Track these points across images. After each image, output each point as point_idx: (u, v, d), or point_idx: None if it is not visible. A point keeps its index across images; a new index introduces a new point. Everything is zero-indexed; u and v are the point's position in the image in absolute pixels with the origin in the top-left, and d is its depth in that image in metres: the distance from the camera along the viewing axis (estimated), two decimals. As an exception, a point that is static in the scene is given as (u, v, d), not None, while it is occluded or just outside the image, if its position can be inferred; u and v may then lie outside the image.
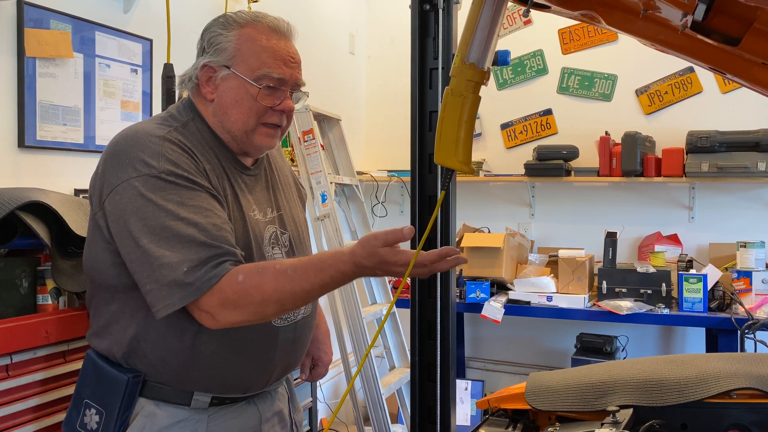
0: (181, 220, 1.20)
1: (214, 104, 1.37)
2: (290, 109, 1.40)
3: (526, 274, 3.66)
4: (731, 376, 1.36)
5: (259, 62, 1.34)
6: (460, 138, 1.34)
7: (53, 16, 2.19)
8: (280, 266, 1.22)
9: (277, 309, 1.24)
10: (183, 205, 1.22)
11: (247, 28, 1.35)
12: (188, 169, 1.26)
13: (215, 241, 1.21)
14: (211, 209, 1.25)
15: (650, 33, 1.22)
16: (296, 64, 1.39)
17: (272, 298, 1.20)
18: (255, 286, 1.20)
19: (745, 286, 3.28)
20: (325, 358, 1.73)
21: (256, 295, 1.20)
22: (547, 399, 1.45)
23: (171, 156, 1.26)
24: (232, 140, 1.38)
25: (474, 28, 1.31)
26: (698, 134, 3.57)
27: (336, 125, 3.50)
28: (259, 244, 1.37)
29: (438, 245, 1.82)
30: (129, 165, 1.25)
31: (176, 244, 1.19)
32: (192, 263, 1.19)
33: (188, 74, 1.40)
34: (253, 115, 1.35)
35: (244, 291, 1.19)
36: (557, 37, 4.17)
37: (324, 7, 4.02)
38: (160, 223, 1.20)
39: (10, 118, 2.08)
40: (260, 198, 1.44)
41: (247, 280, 1.20)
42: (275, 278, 1.20)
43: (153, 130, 1.30)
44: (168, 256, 1.19)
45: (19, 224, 1.58)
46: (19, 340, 1.51)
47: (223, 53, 1.35)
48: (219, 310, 1.20)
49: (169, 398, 1.32)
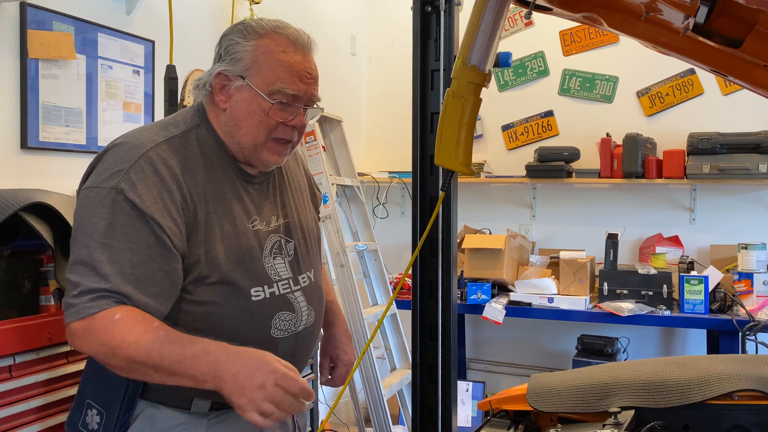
0: (100, 245, 1.18)
1: (226, 114, 1.34)
2: (303, 126, 1.37)
3: (527, 275, 3.66)
4: (733, 378, 1.36)
5: (275, 76, 1.30)
6: (461, 140, 1.35)
7: (56, 17, 2.19)
8: (158, 328, 1.17)
9: (123, 365, 1.17)
10: (112, 229, 1.19)
11: (266, 39, 1.32)
12: (144, 195, 1.21)
13: (118, 277, 1.17)
14: (140, 243, 1.19)
15: (652, 35, 1.22)
16: (313, 80, 1.36)
17: (123, 353, 1.15)
18: (120, 331, 1.15)
19: (747, 287, 3.28)
20: (345, 358, 1.64)
21: (116, 338, 1.15)
22: (549, 400, 1.45)
23: (135, 176, 1.22)
24: (239, 152, 1.35)
25: (475, 30, 1.32)
26: (699, 136, 3.57)
27: (337, 126, 3.51)
28: (256, 255, 1.34)
29: (439, 246, 1.83)
30: (96, 173, 1.25)
31: (83, 267, 1.18)
32: (83, 289, 1.17)
33: (203, 80, 1.37)
34: (264, 129, 1.32)
35: (108, 330, 1.15)
36: (558, 39, 4.17)
37: (325, 9, 4.03)
38: (84, 240, 1.19)
39: (13, 119, 2.08)
40: (264, 206, 1.41)
41: (119, 321, 1.15)
42: (142, 335, 1.15)
43: (144, 142, 1.27)
44: (76, 273, 1.18)
45: (22, 225, 1.59)
46: (22, 341, 1.51)
47: (239, 63, 1.32)
48: (79, 335, 1.17)
49: (169, 401, 1.31)
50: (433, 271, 1.84)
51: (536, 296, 3.55)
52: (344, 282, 3.11)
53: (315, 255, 1.52)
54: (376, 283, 3.53)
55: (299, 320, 1.39)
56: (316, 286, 1.49)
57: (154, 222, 1.21)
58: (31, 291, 1.65)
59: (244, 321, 1.31)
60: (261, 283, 1.34)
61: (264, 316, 1.33)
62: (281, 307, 1.36)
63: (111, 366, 1.19)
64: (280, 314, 1.36)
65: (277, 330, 1.35)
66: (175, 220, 1.24)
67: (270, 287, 1.35)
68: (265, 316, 1.33)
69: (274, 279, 1.36)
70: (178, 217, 1.24)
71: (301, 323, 1.40)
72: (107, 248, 1.18)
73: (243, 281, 1.31)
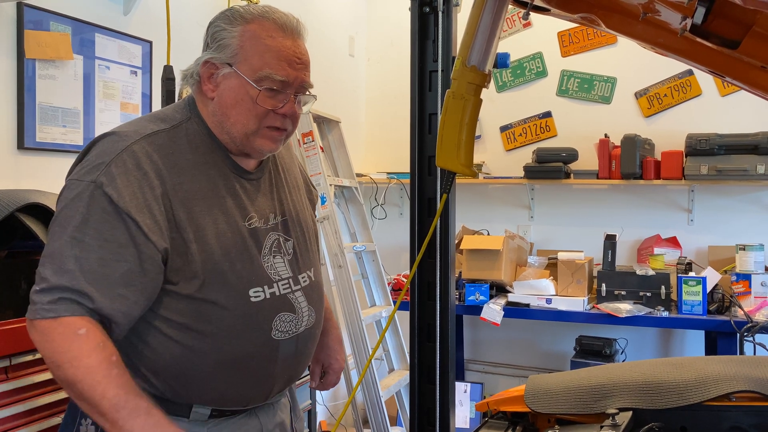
0: (71, 239, 1.15)
1: (214, 103, 1.30)
2: (294, 113, 1.31)
3: (525, 276, 3.66)
4: (730, 379, 1.36)
5: (262, 62, 1.26)
6: (462, 141, 1.35)
7: (53, 17, 2.19)
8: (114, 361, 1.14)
9: (63, 380, 1.13)
10: (86, 224, 1.16)
11: (253, 24, 1.28)
12: (122, 190, 1.18)
13: (83, 275, 1.14)
14: (112, 241, 1.16)
15: (650, 36, 1.22)
16: (303, 66, 1.31)
17: (69, 371, 1.11)
18: (79, 347, 1.11)
19: (744, 288, 3.28)
20: (336, 366, 1.66)
21: (72, 351, 1.11)
22: (547, 401, 1.45)
23: (115, 170, 1.19)
24: (230, 142, 1.30)
25: (475, 31, 1.32)
26: (697, 137, 3.57)
27: (335, 127, 3.51)
28: (254, 254, 1.30)
29: (437, 247, 1.82)
30: (80, 165, 1.23)
31: (51, 260, 1.15)
32: (45, 286, 1.14)
33: (190, 70, 1.33)
34: (253, 117, 1.28)
35: (68, 341, 1.12)
36: (557, 40, 4.17)
37: (323, 10, 4.03)
38: (58, 233, 1.17)
39: (10, 119, 2.08)
40: (262, 204, 1.36)
41: (82, 337, 1.12)
42: (98, 364, 1.11)
43: (129, 135, 1.24)
44: (43, 266, 1.16)
45: (19, 226, 1.58)
46: (18, 342, 1.51)
47: (225, 50, 1.28)
48: (39, 332, 1.14)
49: (167, 410, 1.24)
50: (431, 272, 1.84)
51: (534, 297, 3.55)
52: (342, 283, 3.11)
53: (314, 253, 1.48)
54: (374, 284, 3.53)
55: (300, 321, 1.35)
56: (317, 285, 1.45)
57: (130, 219, 1.17)
58: (28, 292, 1.64)
59: (243, 323, 1.27)
60: (260, 283, 1.30)
61: (264, 317, 1.29)
62: (282, 307, 1.32)
63: (53, 374, 1.15)
64: (281, 315, 1.32)
65: (278, 332, 1.31)
66: (154, 217, 1.19)
67: (270, 287, 1.31)
68: (265, 318, 1.29)
69: (274, 279, 1.32)
70: (159, 214, 1.20)
71: (302, 324, 1.36)
72: (78, 243, 1.15)
73: (241, 281, 1.27)
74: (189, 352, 1.24)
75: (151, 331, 1.23)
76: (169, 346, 1.24)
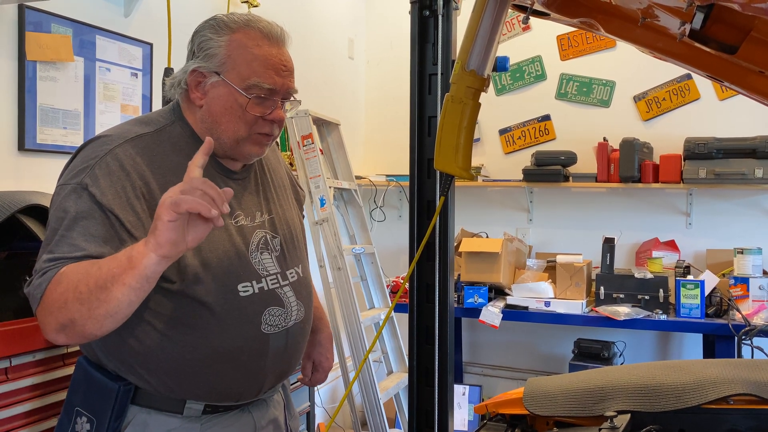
0: (61, 237, 1.19)
1: (202, 110, 1.33)
2: (281, 119, 1.36)
3: (524, 279, 3.66)
4: (728, 382, 1.36)
5: (250, 71, 1.30)
6: (460, 144, 1.35)
7: (54, 19, 2.19)
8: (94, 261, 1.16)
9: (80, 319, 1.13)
10: (74, 222, 1.20)
11: (239, 33, 1.31)
12: (105, 189, 1.21)
13: (68, 250, 1.17)
14: (97, 237, 1.19)
15: (648, 41, 1.23)
16: (288, 73, 1.35)
17: (71, 296, 1.12)
18: (69, 282, 1.13)
19: (743, 292, 3.28)
20: (326, 364, 1.70)
21: (68, 293, 1.12)
22: (545, 404, 1.46)
23: (99, 171, 1.23)
24: (219, 147, 1.33)
25: (474, 35, 1.32)
26: (696, 141, 3.58)
27: (335, 130, 3.51)
28: (242, 251, 1.33)
29: (436, 250, 1.83)
30: (68, 170, 1.27)
31: (42, 255, 1.19)
32: (36, 272, 1.18)
33: (177, 78, 1.37)
34: (243, 124, 1.31)
35: (60, 291, 1.13)
36: (556, 44, 4.19)
37: (323, 12, 4.04)
38: (49, 235, 1.21)
39: (11, 121, 2.08)
40: (247, 202, 1.40)
41: (63, 278, 1.14)
42: (86, 271, 1.13)
43: (113, 138, 1.28)
44: (36, 263, 1.19)
45: (19, 227, 1.59)
46: (18, 343, 1.51)
47: (213, 59, 1.31)
48: (41, 315, 1.15)
49: (161, 406, 1.29)
50: (430, 274, 1.84)
51: (533, 300, 3.56)
52: (341, 285, 3.11)
53: (301, 251, 1.52)
54: (373, 287, 3.53)
55: (289, 315, 1.39)
56: (305, 281, 1.48)
57: (113, 215, 1.21)
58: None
59: (233, 317, 1.29)
60: (249, 278, 1.33)
61: (254, 311, 1.32)
62: (271, 302, 1.35)
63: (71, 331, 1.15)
64: (270, 309, 1.35)
65: (268, 326, 1.34)
66: (137, 214, 1.23)
67: (258, 282, 1.34)
68: (254, 312, 1.32)
69: (262, 274, 1.36)
70: (142, 212, 1.23)
71: (291, 318, 1.39)
72: (65, 240, 1.19)
73: (229, 276, 1.30)
74: (180, 347, 1.26)
75: (142, 326, 1.25)
76: (161, 341, 1.26)
